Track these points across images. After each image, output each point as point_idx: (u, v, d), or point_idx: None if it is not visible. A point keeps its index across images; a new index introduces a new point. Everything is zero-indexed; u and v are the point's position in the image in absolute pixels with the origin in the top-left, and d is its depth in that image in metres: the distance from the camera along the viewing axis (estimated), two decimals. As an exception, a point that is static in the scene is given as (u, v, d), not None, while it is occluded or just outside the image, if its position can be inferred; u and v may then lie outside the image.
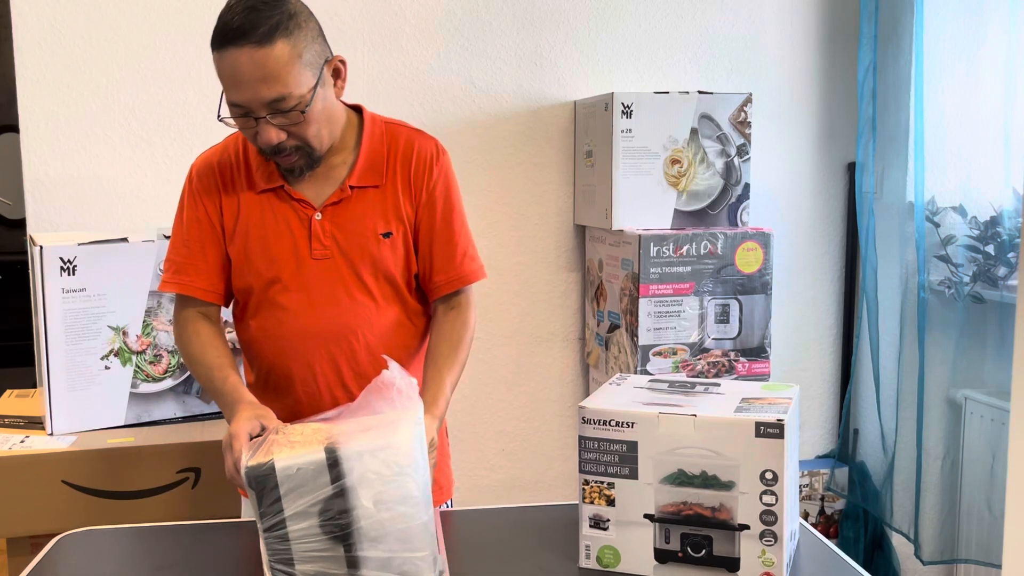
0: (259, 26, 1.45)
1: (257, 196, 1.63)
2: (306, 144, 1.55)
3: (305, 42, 1.50)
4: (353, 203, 1.62)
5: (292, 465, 1.29)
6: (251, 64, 1.45)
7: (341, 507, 1.29)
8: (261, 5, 1.47)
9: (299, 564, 1.30)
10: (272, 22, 1.46)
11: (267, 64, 1.45)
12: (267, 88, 1.47)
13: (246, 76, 1.46)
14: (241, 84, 1.47)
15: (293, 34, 1.48)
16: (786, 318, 3.09)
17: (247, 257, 1.63)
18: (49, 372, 2.01)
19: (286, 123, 1.51)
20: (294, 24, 1.48)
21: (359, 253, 1.62)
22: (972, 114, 2.64)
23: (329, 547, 1.30)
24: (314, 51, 1.52)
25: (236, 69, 1.46)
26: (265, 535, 1.30)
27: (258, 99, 1.48)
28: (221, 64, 1.48)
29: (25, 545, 1.92)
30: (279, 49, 1.46)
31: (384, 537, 1.30)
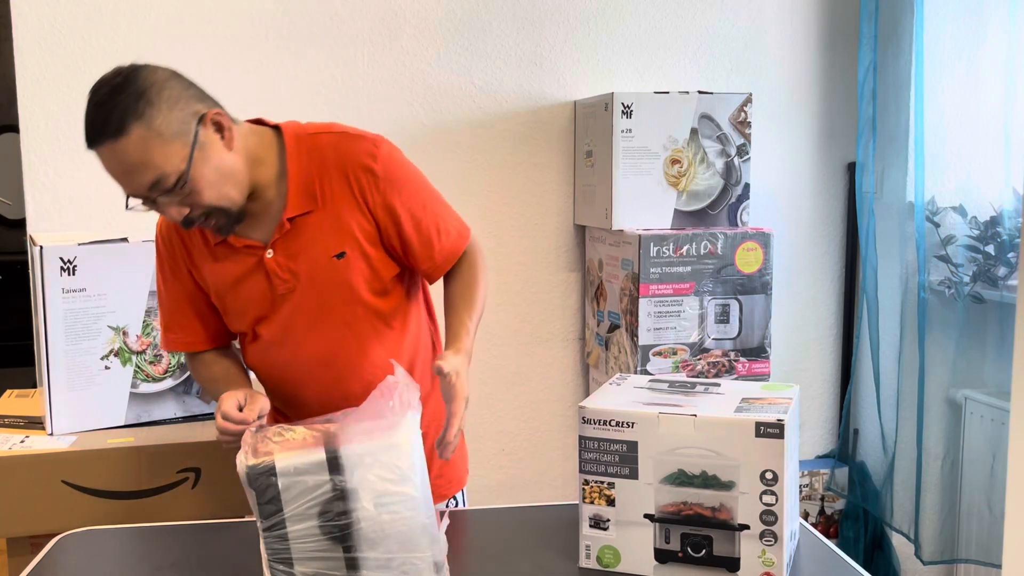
0: (109, 119, 1.41)
1: (212, 249, 1.62)
2: (212, 208, 1.50)
3: (162, 116, 1.43)
4: (297, 232, 1.57)
5: (292, 465, 1.30)
6: (114, 158, 1.43)
7: (341, 508, 1.29)
8: (107, 96, 1.42)
9: (298, 564, 1.30)
10: (120, 110, 1.41)
11: (128, 154, 1.42)
12: (139, 176, 1.44)
13: (117, 170, 1.44)
14: (118, 177, 1.45)
15: (146, 114, 1.42)
16: (786, 318, 3.09)
17: (223, 307, 1.65)
18: (49, 372, 2.01)
19: (178, 199, 1.47)
20: (144, 103, 1.42)
21: (320, 279, 1.58)
22: (972, 114, 2.64)
23: (328, 548, 1.30)
24: (177, 120, 1.45)
25: (107, 165, 1.45)
26: (264, 535, 1.30)
27: (138, 187, 1.45)
28: (100, 160, 1.46)
29: (25, 545, 1.92)
30: (135, 135, 1.41)
31: (383, 538, 1.30)
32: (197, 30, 2.66)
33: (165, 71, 1.49)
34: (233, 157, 1.52)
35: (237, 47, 2.69)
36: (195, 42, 2.66)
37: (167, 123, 1.44)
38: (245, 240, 1.59)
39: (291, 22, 2.72)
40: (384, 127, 2.80)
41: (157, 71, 1.48)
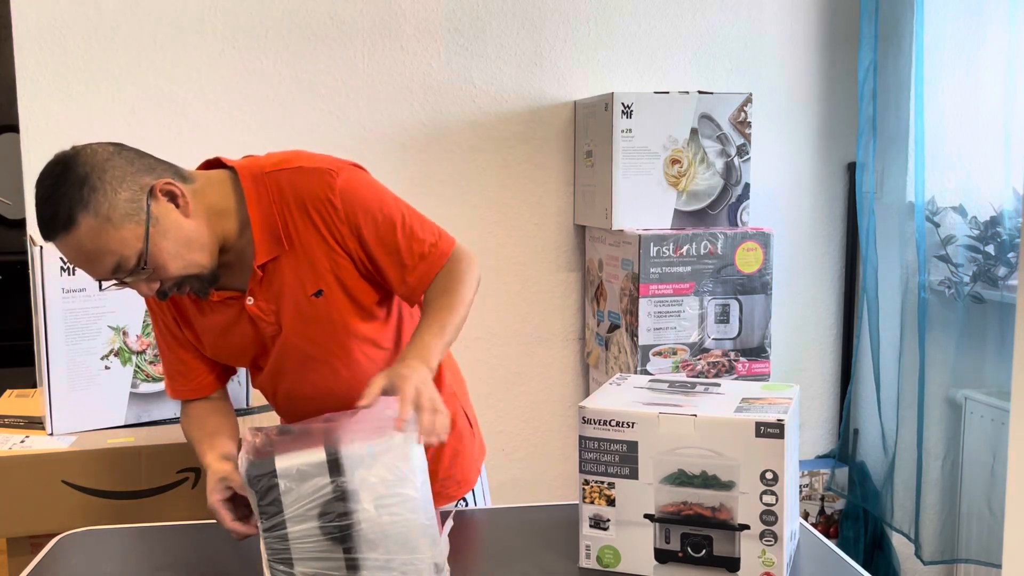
0: (57, 213, 1.37)
1: (194, 302, 1.60)
2: (182, 278, 1.47)
3: (109, 200, 1.38)
4: (272, 277, 1.53)
5: (292, 466, 1.30)
6: (71, 250, 1.40)
7: (341, 509, 1.29)
8: (51, 190, 1.38)
9: (298, 565, 1.30)
10: (66, 205, 1.36)
11: (83, 245, 1.38)
12: (100, 264, 1.40)
13: (77, 259, 1.42)
14: (80, 266, 1.43)
15: (91, 201, 1.37)
16: (786, 318, 3.09)
17: (216, 355, 1.65)
18: (49, 372, 2.01)
19: (144, 277, 1.44)
20: (88, 190, 1.37)
21: (303, 318, 1.56)
22: (972, 114, 2.64)
23: (328, 548, 1.30)
24: (125, 200, 1.40)
25: (67, 255, 1.42)
26: (265, 535, 1.30)
27: (102, 273, 1.42)
28: (60, 252, 1.43)
29: (25, 545, 1.92)
30: (85, 225, 1.37)
31: (384, 540, 1.30)
32: (197, 30, 2.66)
33: (106, 149, 1.43)
34: (192, 222, 1.47)
35: (237, 47, 2.69)
36: (195, 42, 2.66)
37: (115, 206, 1.39)
38: (225, 293, 1.56)
39: (291, 22, 2.72)
40: (384, 127, 2.80)
41: (97, 152, 1.41)
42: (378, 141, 2.80)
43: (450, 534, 1.46)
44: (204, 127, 2.69)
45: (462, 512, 1.72)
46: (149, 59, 2.65)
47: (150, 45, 2.64)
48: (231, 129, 2.70)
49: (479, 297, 1.75)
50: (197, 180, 1.52)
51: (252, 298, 1.54)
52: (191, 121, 2.68)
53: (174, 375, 1.67)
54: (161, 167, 1.48)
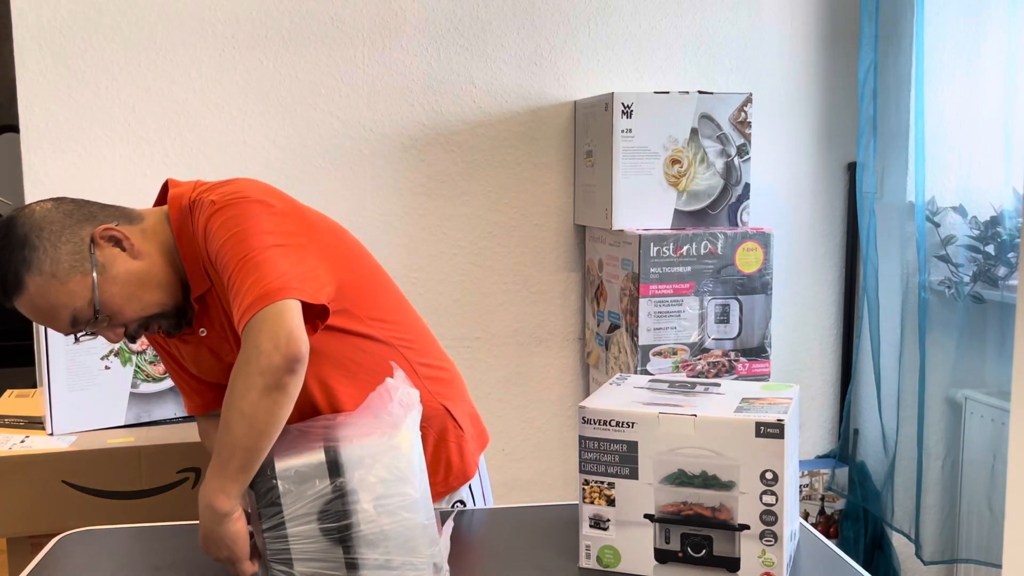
0: (5, 279, 1.38)
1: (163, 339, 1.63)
2: (143, 319, 1.46)
3: (50, 256, 1.38)
4: (210, 307, 1.52)
5: (292, 467, 1.30)
6: (28, 311, 1.41)
7: (340, 509, 1.29)
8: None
9: (298, 565, 1.30)
10: (11, 267, 1.38)
11: (36, 305, 1.40)
12: (57, 319, 1.41)
13: (36, 319, 1.43)
14: (41, 323, 1.44)
15: (33, 261, 1.37)
16: (786, 318, 3.09)
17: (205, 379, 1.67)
18: (49, 372, 2.01)
19: (105, 324, 1.43)
20: (29, 250, 1.37)
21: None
22: (972, 114, 2.64)
23: (328, 548, 1.30)
24: (67, 253, 1.39)
25: (26, 315, 1.42)
26: (264, 535, 1.30)
27: (63, 328, 1.43)
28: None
29: (25, 545, 1.92)
30: (33, 285, 1.38)
31: (383, 540, 1.30)
32: (197, 30, 2.66)
33: (43, 207, 1.42)
34: (142, 263, 1.45)
35: (237, 47, 2.69)
36: (195, 42, 2.66)
37: (57, 261, 1.39)
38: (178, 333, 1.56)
39: (291, 22, 2.72)
40: (384, 127, 2.81)
41: (35, 211, 1.41)
42: (378, 141, 2.80)
43: (450, 534, 1.46)
44: (204, 127, 2.69)
45: (462, 512, 1.72)
46: (149, 59, 2.65)
47: (150, 45, 2.64)
48: (231, 129, 2.70)
49: (479, 297, 1.75)
50: (147, 219, 1.51)
51: (204, 329, 1.55)
52: (191, 121, 2.68)
53: (186, 392, 1.71)
54: (104, 213, 1.47)
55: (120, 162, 2.65)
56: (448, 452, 1.75)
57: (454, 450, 1.77)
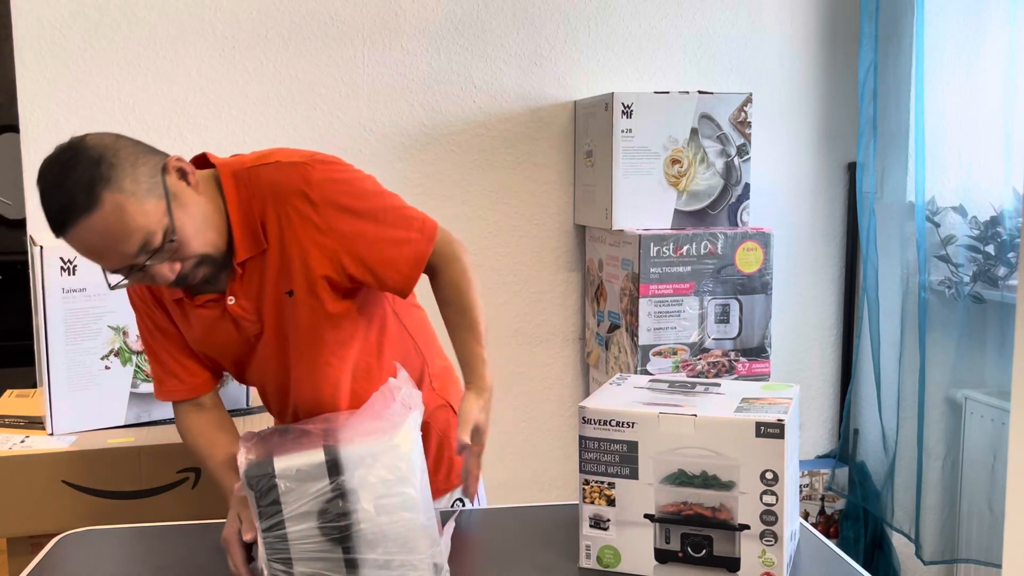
0: (76, 195, 1.32)
1: (178, 305, 1.58)
2: (201, 257, 1.45)
3: (128, 176, 1.36)
4: (251, 276, 1.52)
5: (292, 466, 1.30)
6: (96, 234, 1.34)
7: (340, 509, 1.29)
8: (62, 177, 1.34)
9: (297, 565, 1.30)
10: (85, 183, 1.32)
11: (108, 226, 1.34)
12: (125, 245, 1.36)
13: (99, 246, 1.36)
14: (101, 254, 1.37)
15: (112, 178, 1.34)
16: (786, 318, 3.09)
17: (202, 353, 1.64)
18: (49, 372, 2.01)
19: (168, 256, 1.40)
20: (107, 168, 1.34)
21: (279, 317, 1.55)
22: (972, 114, 2.64)
23: (328, 549, 1.30)
24: (144, 175, 1.38)
25: (87, 243, 1.36)
26: (264, 535, 1.30)
27: (125, 255, 1.37)
28: (73, 245, 1.37)
29: (25, 545, 1.92)
30: (109, 203, 1.33)
31: (383, 540, 1.30)
32: (197, 30, 2.66)
33: (109, 135, 1.41)
34: (204, 200, 1.46)
35: (237, 47, 2.69)
36: (195, 41, 2.66)
37: (136, 181, 1.36)
38: (205, 296, 1.54)
39: (291, 22, 2.72)
40: (384, 127, 2.80)
41: (102, 136, 1.40)
42: (378, 141, 2.80)
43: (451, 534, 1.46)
44: (204, 127, 2.69)
45: (462, 512, 1.72)
46: (149, 59, 2.65)
47: (150, 45, 2.64)
48: (231, 129, 2.70)
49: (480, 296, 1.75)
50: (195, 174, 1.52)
51: (233, 298, 1.53)
52: (191, 121, 2.68)
53: (165, 376, 1.64)
54: (162, 152, 1.47)
55: (120, 162, 2.65)
56: (451, 449, 1.76)
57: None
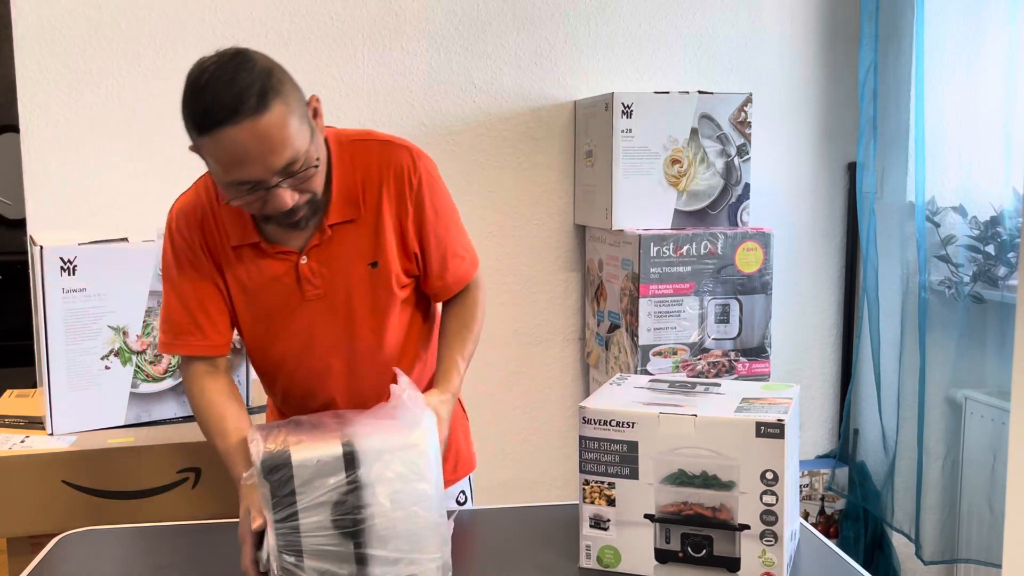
0: (248, 96, 1.33)
1: (234, 250, 1.57)
2: (314, 195, 1.47)
3: (292, 94, 1.40)
4: (336, 240, 1.55)
5: (310, 458, 1.29)
6: (254, 138, 1.34)
7: (355, 503, 1.29)
8: (239, 72, 1.35)
9: (308, 557, 1.29)
10: (258, 87, 1.34)
11: (270, 132, 1.35)
12: (276, 157, 1.37)
13: (252, 152, 1.35)
14: (247, 161, 1.36)
15: (280, 92, 1.37)
16: (786, 318, 3.09)
17: (241, 306, 1.60)
18: (49, 372, 2.01)
19: (296, 183, 1.42)
20: (276, 81, 1.37)
21: (351, 287, 1.57)
22: (972, 114, 2.64)
23: (339, 542, 1.29)
24: (299, 100, 1.42)
25: (238, 147, 1.35)
26: (277, 525, 1.30)
27: (269, 170, 1.37)
28: (218, 146, 1.35)
29: (25, 545, 1.92)
30: (276, 112, 1.35)
31: (394, 536, 1.30)
32: (197, 30, 2.66)
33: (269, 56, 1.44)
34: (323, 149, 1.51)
35: (237, 47, 2.69)
36: (195, 42, 2.66)
37: (296, 102, 1.40)
38: (279, 247, 1.55)
39: (291, 22, 2.72)
40: (384, 127, 2.80)
41: (267, 55, 1.42)
42: (378, 141, 2.80)
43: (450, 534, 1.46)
44: (204, 127, 2.69)
45: (462, 512, 1.72)
46: (149, 59, 2.65)
47: (150, 45, 2.64)
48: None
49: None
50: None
51: (306, 258, 1.55)
52: (191, 121, 2.68)
53: (188, 328, 1.58)
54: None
55: (120, 162, 2.65)
56: (458, 441, 1.79)
57: (462, 439, 1.81)
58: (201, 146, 1.39)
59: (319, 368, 1.62)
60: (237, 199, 1.42)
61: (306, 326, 1.59)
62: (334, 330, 1.60)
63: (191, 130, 1.39)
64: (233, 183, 1.40)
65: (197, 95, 1.36)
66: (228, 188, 1.41)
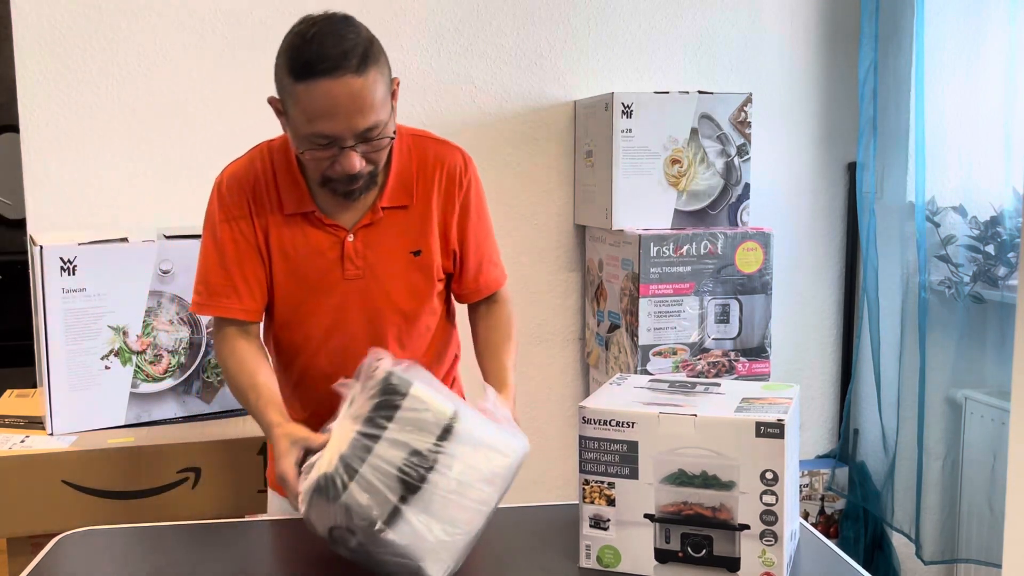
0: (352, 56, 1.42)
1: (285, 218, 1.60)
2: (376, 168, 1.54)
3: (385, 67, 1.50)
4: (385, 224, 1.61)
5: (423, 401, 1.31)
6: (348, 95, 1.42)
7: (429, 463, 1.29)
8: (347, 33, 1.44)
9: (356, 483, 1.27)
10: (362, 50, 1.44)
11: (364, 94, 1.43)
12: (362, 118, 1.44)
13: (343, 107, 1.43)
14: (335, 116, 1.43)
15: (378, 60, 1.47)
16: (786, 318, 3.09)
17: (275, 279, 1.62)
18: (49, 372, 2.01)
19: (369, 150, 1.49)
20: (376, 49, 1.47)
21: (390, 272, 1.62)
22: (972, 114, 2.64)
23: (391, 487, 1.28)
24: (389, 76, 1.51)
25: (331, 101, 1.42)
26: (357, 437, 1.29)
27: (351, 129, 1.45)
28: (310, 96, 1.42)
29: (25, 545, 1.92)
30: (372, 77, 1.44)
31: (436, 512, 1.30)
32: (197, 30, 2.66)
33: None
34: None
35: (237, 47, 2.69)
36: (195, 42, 2.66)
37: (387, 76, 1.50)
38: (332, 220, 1.60)
39: (291, 22, 2.71)
40: (384, 127, 2.81)
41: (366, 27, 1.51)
42: (378, 141, 2.80)
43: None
44: (204, 127, 2.69)
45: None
46: (149, 59, 2.64)
47: (150, 45, 2.64)
48: (231, 129, 2.70)
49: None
50: None
51: (353, 236, 1.60)
52: (191, 121, 2.68)
53: (226, 291, 1.60)
54: None
55: (120, 162, 2.65)
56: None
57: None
58: (292, 93, 1.45)
59: (343, 348, 1.63)
60: (310, 151, 1.48)
61: (339, 304, 1.62)
62: (367, 313, 1.63)
63: (285, 77, 1.47)
64: (313, 135, 1.45)
65: (302, 45, 1.44)
66: (305, 140, 1.47)
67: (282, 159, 1.62)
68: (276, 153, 1.63)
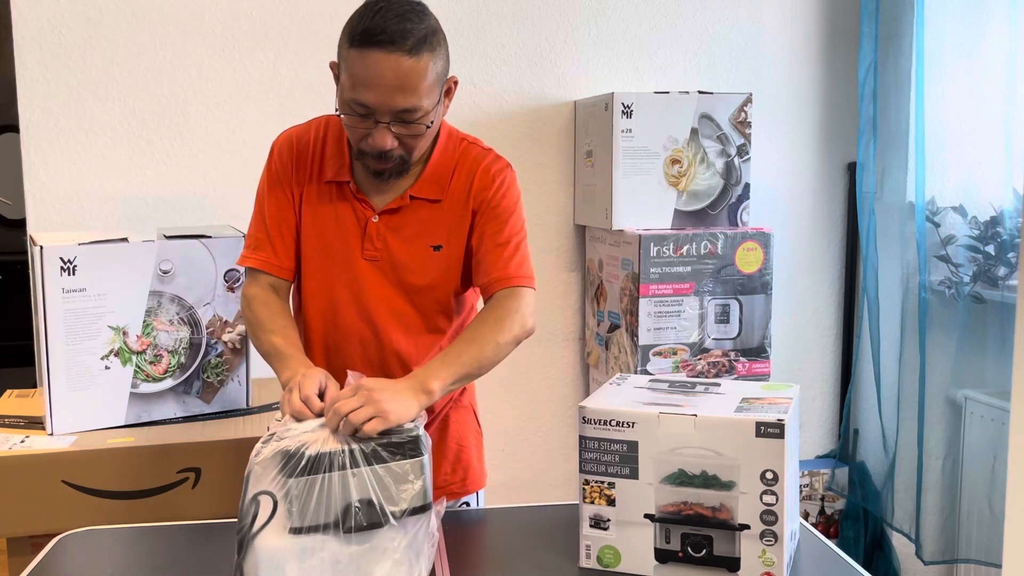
0: (409, 36, 1.46)
1: (323, 186, 1.66)
2: (409, 154, 1.57)
3: (441, 59, 1.53)
4: (411, 212, 1.64)
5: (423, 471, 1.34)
6: (394, 71, 1.47)
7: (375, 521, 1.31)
8: (412, 15, 1.48)
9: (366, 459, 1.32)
10: (421, 34, 1.48)
11: (410, 75, 1.47)
12: (402, 97, 1.49)
13: (386, 81, 1.47)
14: (377, 87, 1.48)
15: (435, 50, 1.51)
16: (786, 318, 3.09)
17: (302, 244, 1.68)
18: (49, 372, 2.01)
19: (403, 132, 1.53)
20: (436, 40, 1.51)
21: (407, 260, 1.64)
22: (972, 114, 2.64)
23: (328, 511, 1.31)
24: (443, 69, 1.55)
25: (377, 72, 1.47)
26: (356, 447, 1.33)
27: (389, 105, 1.49)
28: (360, 63, 1.48)
29: (25, 545, 1.92)
30: (423, 62, 1.48)
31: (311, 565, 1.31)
32: (197, 30, 2.66)
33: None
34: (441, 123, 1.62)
35: (237, 47, 2.69)
36: (195, 42, 2.66)
37: (442, 68, 1.54)
38: (364, 196, 1.64)
39: (291, 22, 2.72)
40: (384, 127, 2.80)
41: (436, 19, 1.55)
42: (378, 141, 2.80)
43: (450, 534, 1.46)
44: (204, 127, 2.69)
45: (462, 512, 1.72)
46: (149, 59, 2.64)
47: (150, 46, 2.64)
48: (231, 129, 2.70)
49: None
50: None
51: (378, 218, 1.63)
52: (191, 121, 2.68)
53: (264, 243, 1.67)
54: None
55: (120, 162, 2.65)
56: (470, 457, 1.81)
57: (475, 456, 1.83)
58: (346, 57, 1.50)
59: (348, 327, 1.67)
60: (347, 116, 1.53)
61: (353, 281, 1.65)
62: (379, 295, 1.65)
63: (344, 40, 1.51)
64: (354, 101, 1.51)
65: (367, 14, 1.48)
66: (345, 104, 1.53)
67: (336, 131, 1.68)
68: (332, 126, 1.69)
